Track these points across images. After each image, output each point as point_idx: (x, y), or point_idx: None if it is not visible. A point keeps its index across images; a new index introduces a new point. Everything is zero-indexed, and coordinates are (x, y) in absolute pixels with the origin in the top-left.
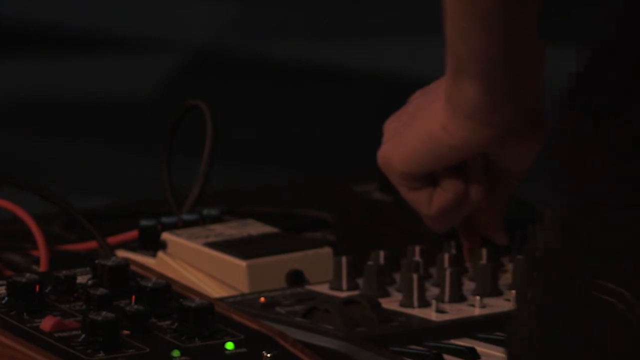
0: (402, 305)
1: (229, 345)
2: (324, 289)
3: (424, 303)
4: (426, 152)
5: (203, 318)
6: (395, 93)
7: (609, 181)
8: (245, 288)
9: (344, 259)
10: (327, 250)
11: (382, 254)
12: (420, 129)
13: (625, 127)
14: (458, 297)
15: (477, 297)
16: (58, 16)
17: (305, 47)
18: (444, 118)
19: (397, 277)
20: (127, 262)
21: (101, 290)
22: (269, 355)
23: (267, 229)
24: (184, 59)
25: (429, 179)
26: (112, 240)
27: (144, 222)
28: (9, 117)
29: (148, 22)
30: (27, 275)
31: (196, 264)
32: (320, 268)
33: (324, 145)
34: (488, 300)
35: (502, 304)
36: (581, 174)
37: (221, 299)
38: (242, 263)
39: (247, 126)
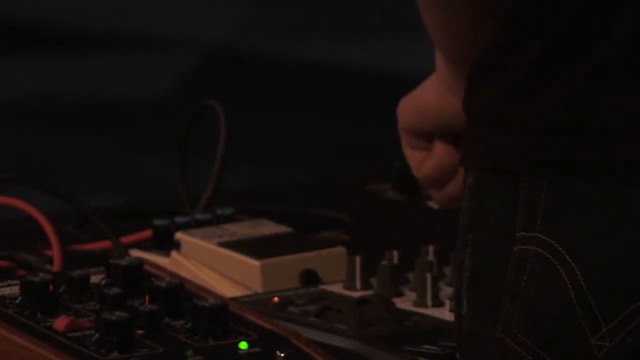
0: (415, 304)
1: (243, 345)
2: (337, 288)
3: (438, 303)
4: (415, 110)
5: (217, 318)
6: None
7: (524, 155)
8: (258, 288)
9: (357, 259)
10: (340, 250)
11: (395, 253)
12: (421, 88)
13: (535, 105)
14: None
15: None
16: (72, 16)
17: (319, 47)
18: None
19: (410, 276)
20: (140, 261)
21: (115, 290)
22: (282, 354)
23: (281, 228)
24: (196, 59)
25: (429, 142)
26: (125, 239)
27: (157, 222)
28: (20, 117)
29: (160, 23)
30: (41, 274)
31: (210, 264)
32: (334, 268)
33: (337, 145)
34: None
35: None
36: (496, 147)
37: (235, 299)
38: (256, 263)
39: (258, 126)
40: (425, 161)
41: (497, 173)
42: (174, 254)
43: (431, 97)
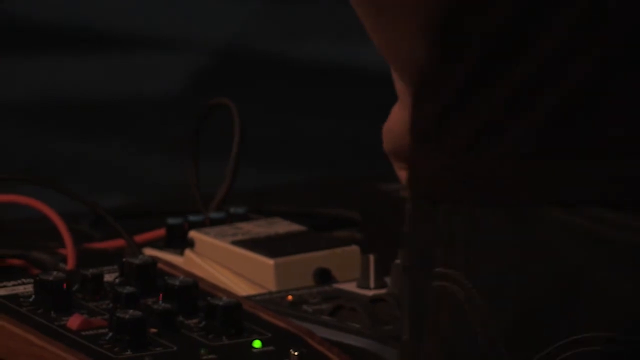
0: None
1: (257, 344)
2: (351, 287)
3: None
4: (386, 132)
5: (230, 316)
6: None
7: (445, 177)
8: (272, 286)
9: (371, 257)
10: (354, 249)
11: None
12: (396, 109)
13: (453, 128)
14: None
15: None
16: (83, 16)
17: (331, 46)
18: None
19: None
20: (154, 260)
21: (128, 289)
22: (296, 353)
23: (295, 227)
24: (207, 59)
25: None
26: (139, 238)
27: (171, 221)
28: (33, 117)
29: (170, 22)
30: (55, 273)
31: (223, 262)
32: (348, 266)
33: (349, 145)
34: None
35: None
36: (421, 173)
37: (248, 297)
38: (270, 261)
39: (271, 125)
40: None
41: (423, 200)
42: (187, 252)
43: (394, 115)
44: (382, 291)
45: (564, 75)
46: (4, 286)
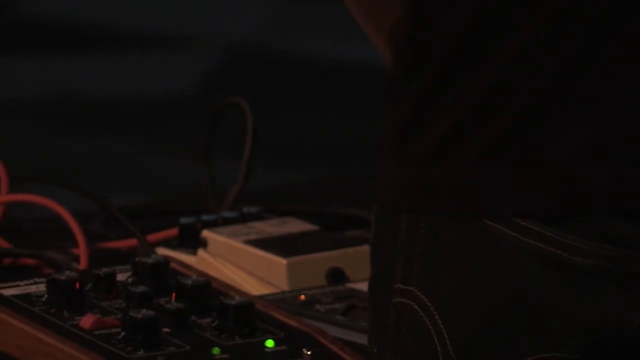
0: None
1: (269, 343)
2: (363, 286)
3: None
4: None
5: (243, 316)
6: None
7: (407, 188)
8: (285, 286)
9: None
10: (366, 248)
11: None
12: None
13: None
14: None
15: None
16: (97, 14)
17: (341, 44)
18: None
19: None
20: (167, 259)
21: (141, 288)
22: (309, 352)
23: (307, 226)
24: (218, 58)
25: None
26: (152, 238)
27: (183, 220)
28: (45, 116)
29: (176, 22)
30: (67, 272)
31: (236, 262)
32: (360, 265)
33: (361, 144)
34: None
35: None
36: (384, 183)
37: (261, 297)
38: (282, 261)
39: (281, 124)
40: None
41: (385, 211)
42: (200, 252)
43: None
44: None
45: (520, 88)
46: (17, 285)
